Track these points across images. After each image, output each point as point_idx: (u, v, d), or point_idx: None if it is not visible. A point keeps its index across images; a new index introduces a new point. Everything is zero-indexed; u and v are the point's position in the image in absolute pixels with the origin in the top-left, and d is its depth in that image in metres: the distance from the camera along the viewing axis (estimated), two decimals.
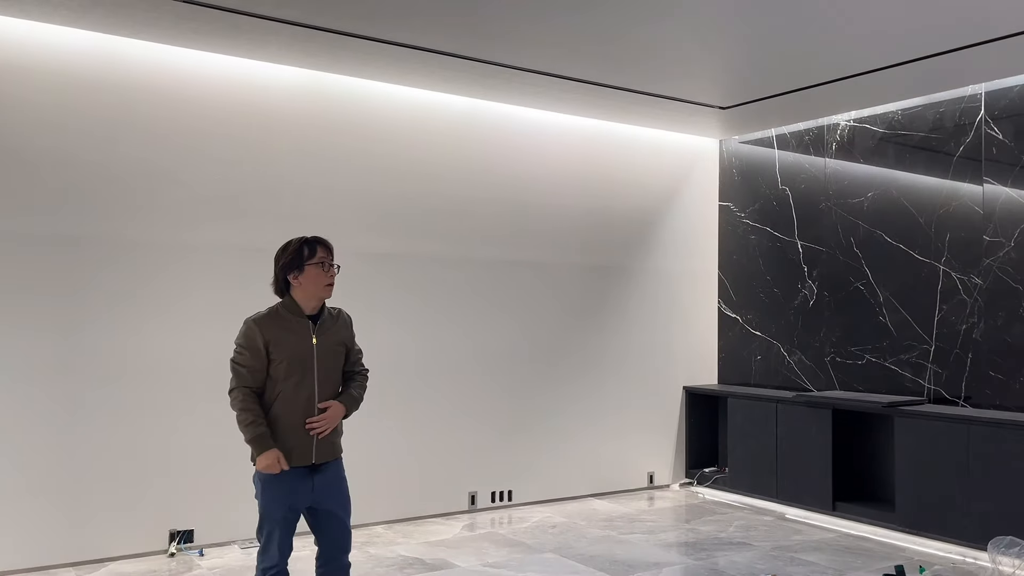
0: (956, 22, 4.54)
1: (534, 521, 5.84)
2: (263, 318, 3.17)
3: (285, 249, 3.22)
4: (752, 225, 7.17)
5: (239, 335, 3.16)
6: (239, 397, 3.11)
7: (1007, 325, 5.44)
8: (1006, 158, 5.47)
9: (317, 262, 3.18)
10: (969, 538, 5.14)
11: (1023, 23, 4.53)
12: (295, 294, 3.21)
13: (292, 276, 3.19)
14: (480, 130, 6.17)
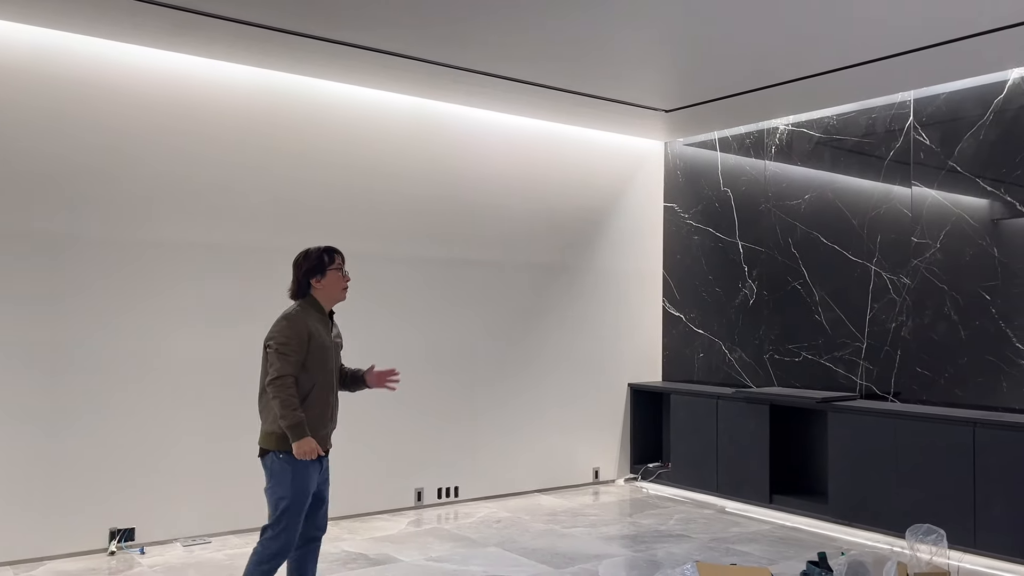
0: (886, 32, 4.73)
1: (479, 516, 5.92)
2: (302, 313, 3.48)
3: (307, 256, 3.55)
4: (695, 226, 7.34)
5: (284, 327, 3.41)
6: (288, 384, 3.32)
7: (933, 323, 5.67)
8: (933, 163, 5.70)
9: (337, 268, 3.56)
10: (897, 527, 5.33)
11: (947, 34, 4.73)
12: (316, 295, 3.55)
13: (315, 280, 3.52)
14: (430, 130, 6.23)
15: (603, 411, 7.21)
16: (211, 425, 5.28)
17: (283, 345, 3.36)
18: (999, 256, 5.36)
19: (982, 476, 4.96)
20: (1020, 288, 5.25)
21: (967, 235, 5.52)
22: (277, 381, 3.32)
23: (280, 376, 3.32)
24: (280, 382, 3.31)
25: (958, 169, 5.56)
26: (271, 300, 5.57)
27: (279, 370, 3.32)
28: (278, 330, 3.41)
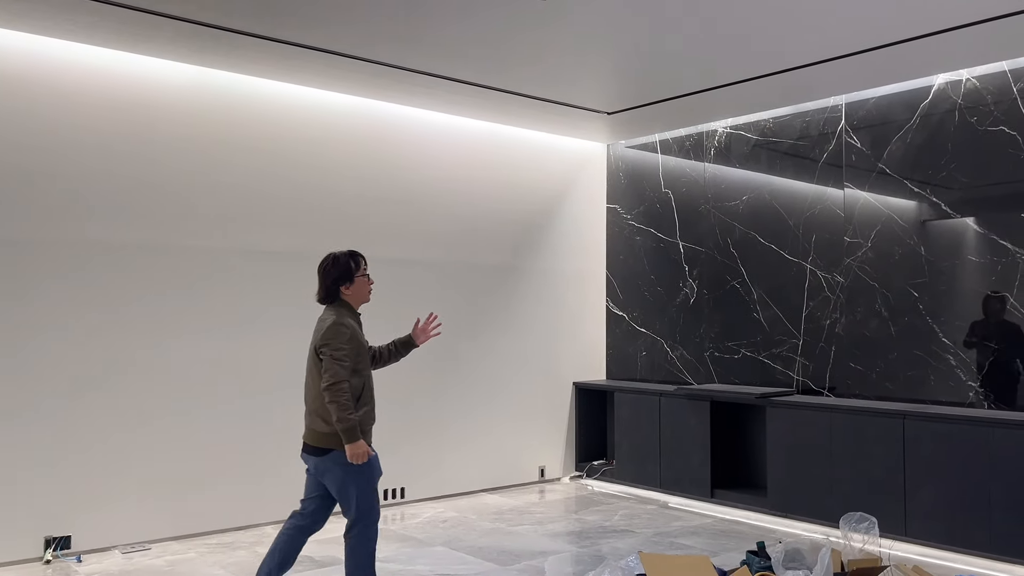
0: (820, 37, 4.89)
1: (426, 517, 5.91)
2: (350, 319, 3.67)
3: (335, 263, 3.72)
4: (638, 227, 7.46)
5: (338, 334, 3.56)
6: (344, 388, 3.51)
7: (865, 320, 5.88)
8: (864, 165, 5.90)
9: (363, 273, 3.75)
10: (833, 518, 5.49)
11: (876, 40, 4.91)
12: (346, 299, 3.74)
13: (344, 287, 3.70)
14: (376, 131, 6.21)
15: (549, 410, 7.27)
16: (150, 431, 5.17)
17: (338, 351, 3.52)
18: (926, 255, 5.57)
19: (912, 467, 5.16)
20: (947, 285, 5.47)
21: (897, 235, 5.73)
22: (334, 387, 3.48)
23: (337, 381, 3.49)
24: (337, 387, 3.48)
25: (887, 171, 5.77)
26: (213, 304, 5.55)
27: (336, 375, 3.50)
28: (332, 336, 3.56)
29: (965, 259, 5.38)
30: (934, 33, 4.80)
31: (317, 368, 3.62)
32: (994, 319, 5.26)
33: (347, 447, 3.51)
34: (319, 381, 3.58)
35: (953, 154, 5.44)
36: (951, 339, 5.44)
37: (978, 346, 5.32)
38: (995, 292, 5.25)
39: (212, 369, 5.42)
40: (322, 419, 3.61)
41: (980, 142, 5.31)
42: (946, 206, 5.48)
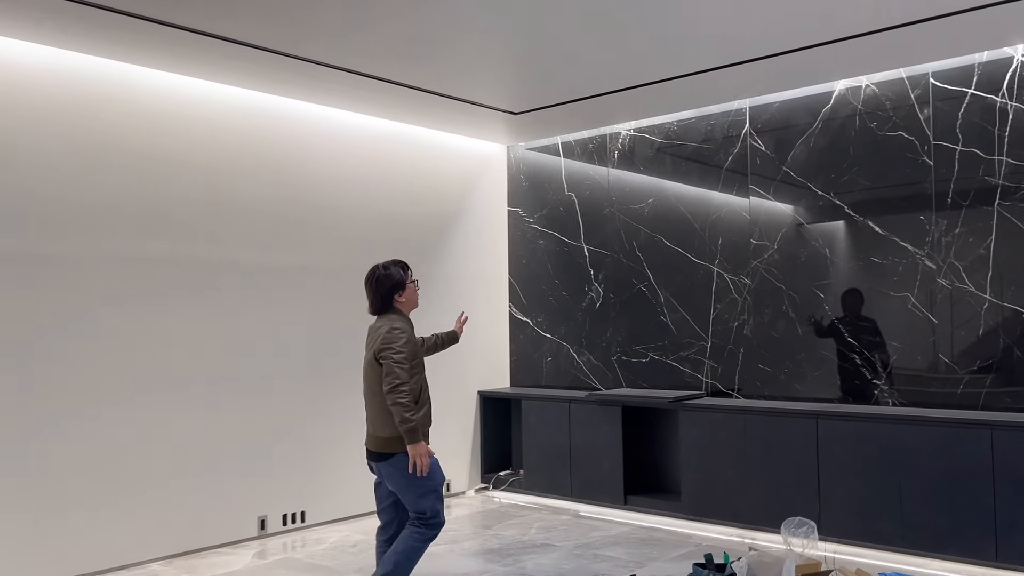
0: (724, 42, 4.88)
1: (332, 541, 5.52)
2: (402, 323, 3.79)
3: (388, 276, 3.89)
4: (540, 230, 7.31)
5: (396, 339, 3.67)
6: (406, 392, 3.61)
7: (773, 321, 5.94)
8: (768, 168, 5.98)
9: (412, 281, 3.94)
10: (747, 520, 5.54)
11: (779, 46, 4.95)
12: (401, 308, 3.90)
13: (397, 296, 3.87)
14: (269, 127, 5.75)
15: (453, 420, 7.00)
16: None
17: (398, 354, 3.64)
18: (831, 256, 5.69)
19: (825, 466, 5.23)
20: (851, 286, 5.60)
21: (802, 237, 5.83)
22: (396, 389, 3.59)
23: (398, 384, 3.60)
24: (398, 389, 3.59)
25: (792, 174, 5.86)
26: (100, 312, 4.95)
27: (397, 377, 3.60)
28: (391, 340, 3.67)
29: (868, 260, 5.52)
30: (834, 41, 4.88)
31: (376, 375, 3.72)
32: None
33: (409, 448, 3.61)
34: (378, 387, 3.69)
35: (854, 158, 5.57)
36: (856, 339, 5.57)
37: (880, 345, 5.47)
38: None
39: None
40: (385, 424, 3.72)
41: (880, 146, 5.47)
42: (849, 208, 5.61)
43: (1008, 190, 5.00)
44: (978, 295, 5.10)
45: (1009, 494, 4.58)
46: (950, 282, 5.20)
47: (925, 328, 5.28)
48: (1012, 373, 4.97)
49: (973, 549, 4.69)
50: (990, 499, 4.63)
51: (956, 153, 5.18)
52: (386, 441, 3.74)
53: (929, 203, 5.28)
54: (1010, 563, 4.57)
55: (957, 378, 5.16)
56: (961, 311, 5.16)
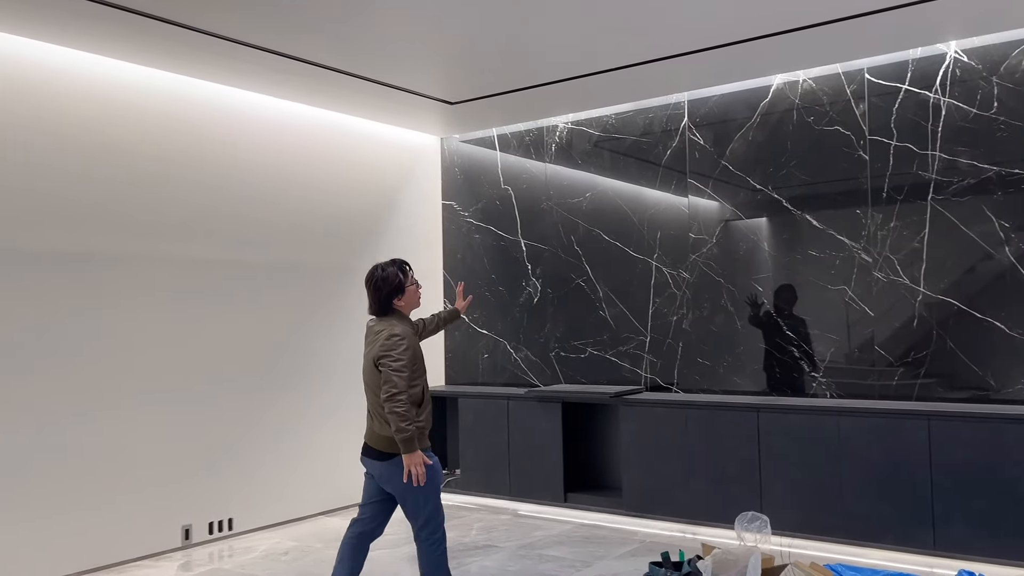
0: (661, 34, 4.83)
1: (262, 550, 5.24)
2: (401, 329, 3.68)
3: (385, 280, 3.76)
4: (476, 224, 7.15)
5: (395, 345, 3.59)
6: (403, 400, 3.53)
7: (711, 315, 5.94)
8: (706, 162, 5.96)
9: (412, 283, 3.84)
10: (689, 515, 5.51)
11: (716, 39, 4.93)
12: (401, 310, 3.81)
13: (397, 299, 3.78)
14: (190, 113, 5.43)
15: None
16: None
17: (396, 361, 3.57)
18: (769, 250, 5.71)
19: (767, 459, 5.23)
20: (789, 279, 5.63)
21: (740, 231, 5.83)
22: (393, 398, 3.52)
23: (396, 392, 3.53)
24: (396, 398, 3.52)
25: (730, 168, 5.86)
26: (21, 313, 4.55)
27: (395, 386, 3.53)
28: (390, 347, 3.60)
29: (806, 254, 5.56)
30: (771, 35, 4.88)
31: (377, 378, 3.66)
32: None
33: (404, 457, 3.56)
34: (379, 389, 3.62)
35: (792, 152, 5.60)
36: (794, 332, 5.61)
37: (818, 338, 5.52)
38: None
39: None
40: (387, 423, 3.63)
41: (817, 141, 5.51)
42: (787, 202, 5.64)
43: (941, 184, 5.09)
44: (912, 287, 5.18)
45: (945, 484, 4.66)
46: (885, 275, 5.27)
47: (862, 320, 5.35)
48: (945, 363, 5.06)
49: (911, 538, 4.75)
50: (927, 489, 4.71)
51: (891, 148, 5.25)
52: (388, 440, 3.65)
53: (865, 197, 5.35)
54: (946, 551, 4.65)
55: (893, 369, 5.23)
56: (896, 303, 5.24)
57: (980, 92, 4.97)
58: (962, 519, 4.60)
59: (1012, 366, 4.87)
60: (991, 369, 4.93)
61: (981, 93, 4.97)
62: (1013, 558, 4.45)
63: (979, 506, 4.56)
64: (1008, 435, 4.50)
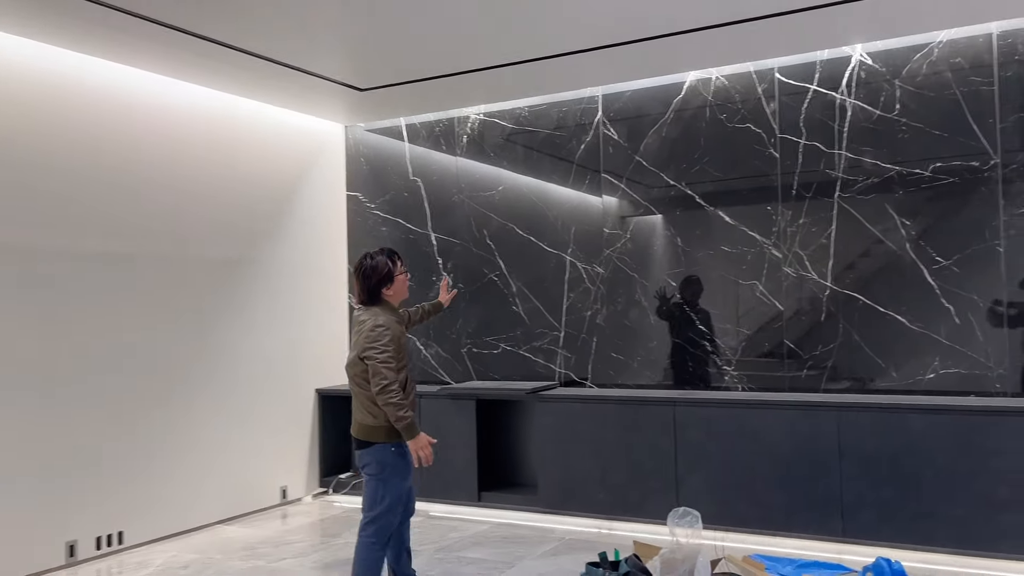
0: (576, 27, 4.77)
1: (158, 564, 4.86)
2: (385, 319, 3.71)
3: (375, 269, 3.77)
4: (384, 216, 6.91)
5: (380, 336, 3.63)
6: (396, 390, 3.60)
7: (625, 310, 5.94)
8: (620, 157, 5.96)
9: (401, 272, 3.85)
10: (606, 511, 5.49)
11: (630, 34, 4.92)
12: (389, 300, 3.82)
13: (385, 288, 3.79)
14: (79, 94, 4.96)
15: (289, 421, 6.46)
16: None
17: (383, 353, 3.62)
18: (682, 245, 5.76)
19: (683, 452, 5.27)
20: (702, 274, 5.69)
21: (654, 226, 5.86)
22: (386, 389, 3.58)
23: (387, 384, 3.59)
24: (387, 389, 3.58)
25: (644, 163, 5.87)
26: None
27: (385, 378, 3.59)
28: (375, 339, 3.63)
29: (718, 249, 5.64)
30: (685, 32, 4.91)
31: (359, 369, 3.70)
32: None
33: (410, 444, 3.65)
34: (362, 380, 3.69)
35: (705, 148, 5.67)
36: (707, 326, 5.67)
37: (732, 332, 5.60)
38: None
39: None
40: (369, 413, 3.71)
41: (729, 138, 5.59)
42: (700, 198, 5.70)
43: (847, 183, 5.26)
44: (820, 282, 5.33)
45: (854, 472, 4.80)
46: (795, 270, 5.40)
47: (772, 314, 5.46)
48: (852, 356, 5.23)
49: (822, 526, 4.88)
50: (837, 478, 4.84)
51: (800, 146, 5.38)
52: (370, 429, 3.74)
53: (775, 194, 5.46)
54: (855, 537, 4.80)
55: (802, 362, 5.37)
56: (805, 298, 5.38)
57: (883, 94, 5.16)
58: (869, 507, 4.76)
59: (912, 358, 5.08)
60: (894, 361, 5.13)
61: (884, 95, 5.16)
62: (916, 542, 4.63)
63: (885, 494, 4.72)
64: (913, 424, 4.68)
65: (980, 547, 4.49)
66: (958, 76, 4.96)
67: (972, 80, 4.92)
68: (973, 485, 4.51)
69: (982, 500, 4.49)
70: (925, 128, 5.03)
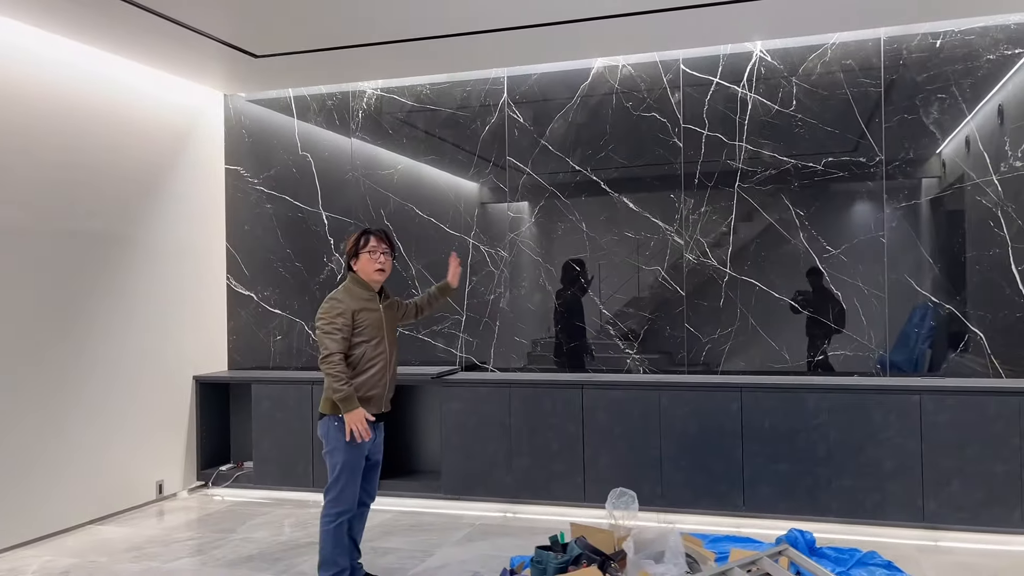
0: (481, 6, 4.68)
1: (34, 570, 4.36)
2: (342, 294, 3.80)
3: (346, 241, 3.95)
4: (268, 193, 6.52)
5: (326, 310, 3.72)
6: (335, 361, 3.65)
7: (529, 294, 5.93)
8: (526, 140, 5.93)
9: (368, 251, 3.86)
10: (511, 495, 5.47)
11: (537, 17, 4.87)
12: (359, 275, 3.88)
13: (353, 262, 3.89)
14: None
15: (165, 411, 5.97)
16: None
17: (328, 324, 3.69)
18: (587, 231, 5.81)
19: (591, 434, 5.33)
20: (606, 259, 5.78)
21: (559, 210, 5.88)
22: (325, 360, 3.66)
23: (328, 355, 3.65)
24: (327, 359, 3.65)
25: (550, 148, 5.87)
26: None
27: (326, 348, 3.67)
28: (322, 311, 3.74)
29: (622, 235, 5.74)
30: (593, 19, 4.93)
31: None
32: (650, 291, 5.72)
33: (346, 417, 3.62)
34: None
35: (611, 135, 5.74)
36: (610, 310, 5.77)
37: (635, 316, 5.73)
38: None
39: None
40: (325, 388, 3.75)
41: (635, 126, 5.69)
42: (605, 184, 5.77)
43: (746, 173, 5.49)
44: (720, 269, 5.55)
45: (754, 450, 5.04)
46: (696, 257, 5.59)
47: (674, 299, 5.63)
48: (749, 340, 5.48)
49: (723, 502, 5.09)
50: (738, 455, 5.06)
51: (703, 137, 5.57)
52: (323, 402, 3.81)
53: (679, 182, 5.62)
54: (754, 512, 5.04)
55: (701, 345, 5.57)
56: (705, 284, 5.58)
57: (781, 90, 5.43)
58: (767, 482, 5.01)
59: (803, 341, 5.40)
60: (786, 344, 5.42)
61: (782, 91, 5.42)
62: (811, 514, 4.92)
63: (782, 469, 4.99)
64: (808, 403, 4.96)
65: (868, 516, 4.83)
66: (849, 77, 5.29)
67: (861, 81, 5.27)
68: (861, 458, 4.85)
69: (868, 472, 4.84)
70: (819, 124, 5.34)
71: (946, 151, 5.16)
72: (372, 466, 3.94)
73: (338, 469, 3.70)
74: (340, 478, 3.71)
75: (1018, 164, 4.96)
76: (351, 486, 3.74)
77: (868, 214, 5.29)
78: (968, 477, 4.67)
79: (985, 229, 5.04)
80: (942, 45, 5.11)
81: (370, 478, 3.94)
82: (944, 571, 4.13)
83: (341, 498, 3.72)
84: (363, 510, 3.96)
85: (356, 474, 3.75)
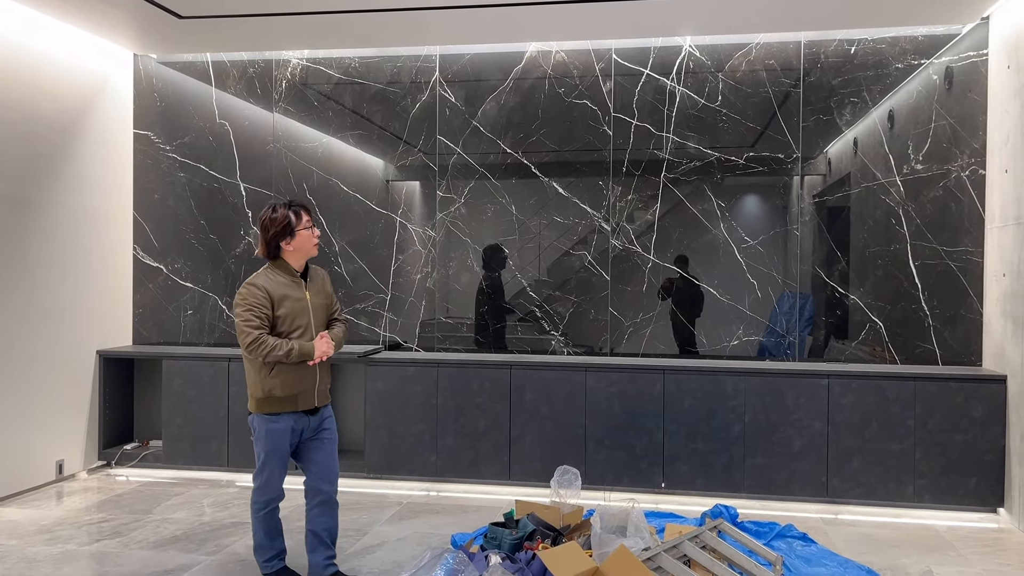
0: None
1: None
2: (260, 279, 3.53)
3: (273, 220, 3.55)
4: (182, 161, 6.23)
5: (242, 297, 3.46)
6: (261, 338, 3.41)
7: (457, 274, 5.94)
8: (457, 120, 5.91)
9: (306, 227, 3.59)
10: (436, 473, 5.48)
11: None
12: (287, 257, 3.60)
13: (285, 242, 3.56)
14: None
15: (66, 387, 5.63)
16: None
17: (246, 311, 3.44)
18: (516, 213, 5.87)
19: (517, 414, 5.40)
20: (533, 242, 5.85)
21: (489, 192, 5.90)
22: (251, 346, 3.41)
23: (251, 342, 3.41)
24: (256, 343, 3.41)
25: (481, 129, 5.88)
26: None
27: (249, 336, 3.42)
28: (237, 299, 3.49)
29: (551, 219, 5.83)
30: (524, 4, 4.98)
31: None
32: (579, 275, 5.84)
33: (315, 355, 3.51)
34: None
35: (543, 120, 5.81)
36: (537, 293, 5.85)
37: (560, 299, 5.83)
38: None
39: None
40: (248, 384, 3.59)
41: (566, 112, 5.78)
42: (535, 168, 5.84)
43: (672, 164, 5.68)
44: (644, 255, 5.73)
45: (673, 430, 5.25)
46: (622, 243, 5.74)
47: (598, 284, 5.77)
48: (668, 324, 5.70)
49: (644, 479, 5.29)
50: (660, 435, 5.27)
51: (632, 126, 5.72)
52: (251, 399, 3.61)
53: (607, 170, 5.75)
54: (672, 489, 5.26)
55: (625, 328, 5.74)
56: (629, 269, 5.75)
57: (708, 85, 5.64)
58: (685, 460, 5.24)
59: (721, 326, 5.66)
60: (705, 329, 5.67)
61: (709, 86, 5.64)
62: (726, 490, 5.19)
63: (700, 448, 5.23)
64: (726, 386, 5.21)
65: (778, 492, 5.14)
66: (771, 76, 5.56)
67: (782, 81, 5.55)
68: (773, 437, 5.15)
69: (779, 450, 5.14)
70: (742, 120, 5.59)
71: (855, 152, 5.51)
72: (313, 457, 3.69)
73: (263, 458, 3.58)
74: (265, 467, 3.59)
75: (919, 167, 5.36)
76: (276, 474, 3.61)
77: (784, 207, 5.59)
78: (868, 455, 5.04)
79: (888, 226, 5.43)
80: (856, 51, 5.45)
81: (312, 468, 3.70)
82: (851, 542, 4.45)
83: (267, 487, 3.60)
84: (320, 499, 3.70)
85: (281, 462, 3.60)
